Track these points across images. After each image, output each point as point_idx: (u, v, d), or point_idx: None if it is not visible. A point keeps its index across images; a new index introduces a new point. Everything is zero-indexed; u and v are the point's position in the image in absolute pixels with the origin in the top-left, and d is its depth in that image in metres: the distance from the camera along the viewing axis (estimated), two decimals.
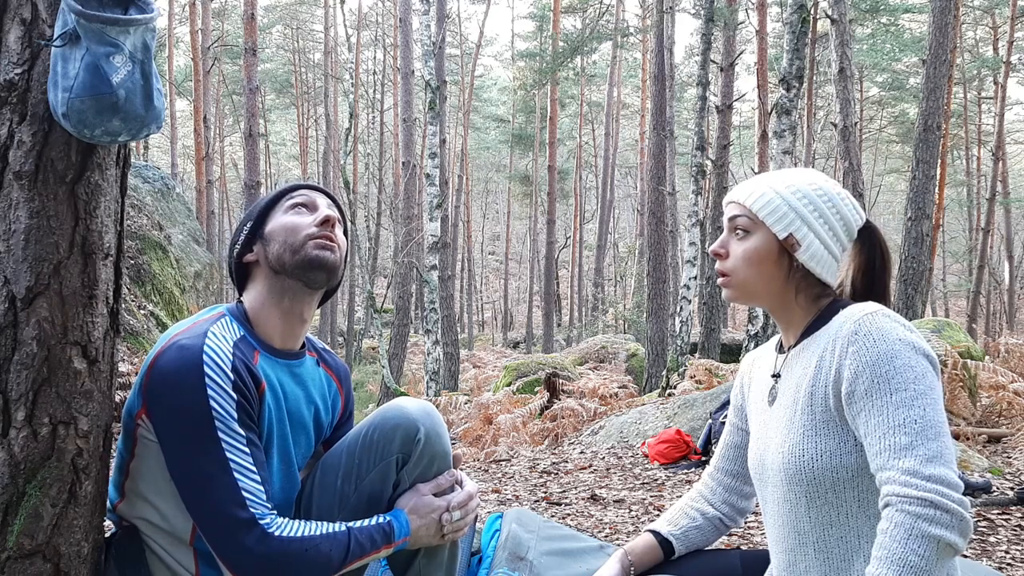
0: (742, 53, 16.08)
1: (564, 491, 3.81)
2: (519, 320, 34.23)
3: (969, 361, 5.09)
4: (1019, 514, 3.02)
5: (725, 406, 4.49)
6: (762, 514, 1.43)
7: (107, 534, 1.49)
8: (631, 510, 3.37)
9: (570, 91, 31.14)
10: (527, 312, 29.39)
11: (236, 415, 1.35)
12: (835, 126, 10.09)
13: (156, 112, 1.31)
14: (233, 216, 29.37)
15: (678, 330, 9.52)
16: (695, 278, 9.94)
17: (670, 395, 6.76)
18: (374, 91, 29.65)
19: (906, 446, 1.13)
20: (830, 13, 9.61)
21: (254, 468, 1.36)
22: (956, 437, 4.46)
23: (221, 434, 1.33)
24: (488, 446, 6.19)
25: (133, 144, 1.59)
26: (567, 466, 4.47)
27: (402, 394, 9.28)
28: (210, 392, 1.33)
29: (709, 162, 11.21)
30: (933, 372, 1.19)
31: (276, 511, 1.38)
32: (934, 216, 10.63)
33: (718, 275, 1.38)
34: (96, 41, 1.22)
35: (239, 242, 1.55)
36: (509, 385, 8.40)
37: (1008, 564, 2.50)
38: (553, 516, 3.23)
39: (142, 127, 1.30)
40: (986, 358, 5.79)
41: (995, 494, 3.33)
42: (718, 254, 1.37)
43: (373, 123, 28.90)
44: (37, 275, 1.29)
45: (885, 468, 1.15)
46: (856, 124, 10.52)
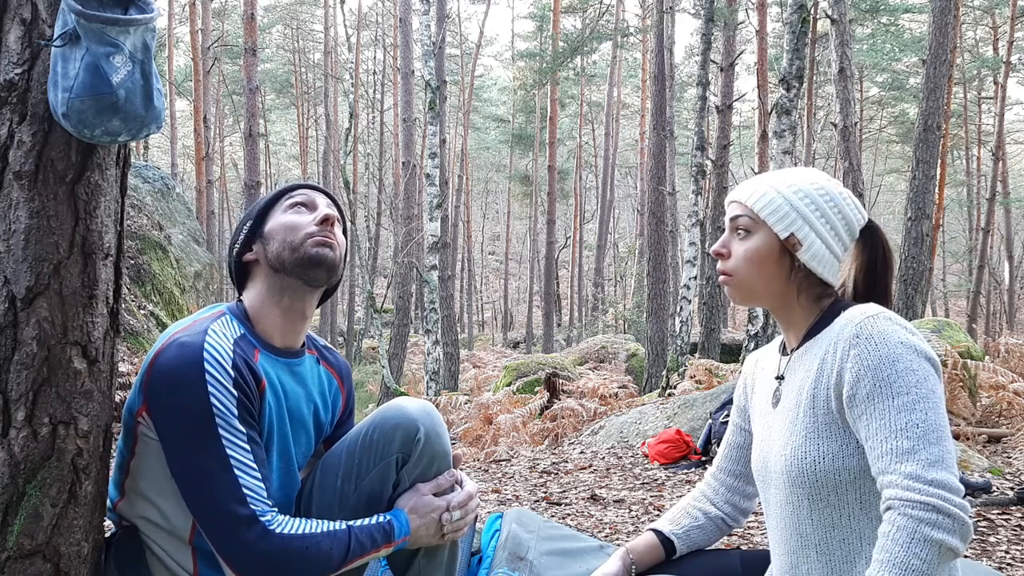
0: (742, 53, 16.08)
1: (564, 491, 3.81)
2: (519, 320, 34.22)
3: (969, 361, 5.09)
4: (1019, 514, 3.02)
5: (725, 406, 4.49)
6: (764, 515, 1.43)
7: (107, 534, 1.50)
8: (631, 510, 3.37)
9: (570, 91, 31.14)
10: (527, 312, 29.39)
11: (236, 412, 1.35)
12: (835, 126, 10.09)
13: (156, 112, 1.31)
14: (233, 216, 29.37)
15: (678, 330, 9.52)
16: (695, 278, 9.94)
17: (670, 395, 6.76)
18: (374, 91, 29.65)
19: (908, 450, 1.14)
20: (830, 13, 9.61)
21: (255, 465, 1.36)
22: (956, 437, 4.46)
23: (221, 431, 1.33)
24: (488, 446, 6.19)
25: (133, 144, 1.59)
26: (567, 466, 4.47)
27: (402, 394, 9.28)
28: (211, 389, 1.33)
29: (709, 162, 11.21)
30: (935, 375, 1.19)
31: (276, 508, 1.38)
32: (934, 216, 10.64)
33: (719, 274, 1.38)
34: (96, 41, 1.22)
35: (239, 241, 1.56)
36: (509, 385, 8.40)
37: (1008, 564, 2.50)
38: (553, 516, 3.23)
39: (142, 127, 1.30)
40: (986, 358, 5.79)
41: (995, 494, 3.33)
42: (720, 254, 1.37)
43: (373, 123, 28.90)
44: (37, 275, 1.29)
45: (887, 472, 1.15)
46: (856, 124, 10.52)
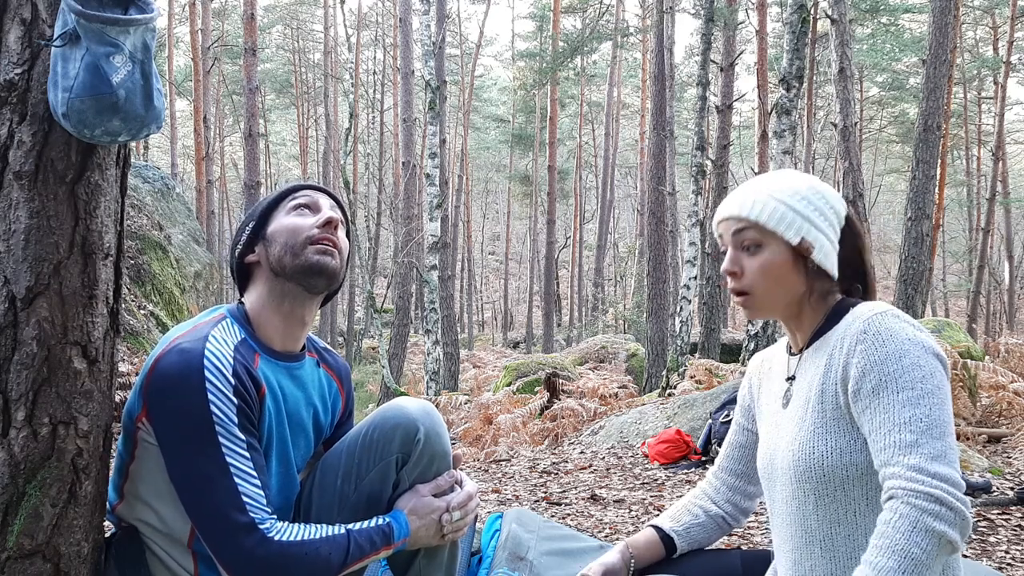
0: (742, 53, 16.08)
1: (564, 491, 3.81)
2: (519, 320, 34.22)
3: (969, 361, 5.09)
4: (1019, 514, 3.02)
5: (725, 406, 4.49)
6: (768, 514, 1.43)
7: (107, 534, 1.50)
8: (631, 510, 3.37)
9: (570, 91, 31.13)
10: (527, 312, 29.39)
11: (236, 419, 1.35)
12: (835, 126, 10.09)
13: (156, 112, 1.31)
14: (233, 216, 29.37)
15: (678, 330, 9.52)
16: (695, 278, 9.94)
17: (670, 395, 6.76)
18: (374, 91, 29.65)
19: (911, 443, 1.14)
20: (830, 13, 9.61)
21: (254, 472, 1.35)
22: (956, 437, 4.45)
23: (221, 438, 1.32)
24: (488, 446, 6.19)
25: (133, 144, 1.58)
26: (567, 466, 4.47)
27: (402, 394, 9.28)
28: (211, 396, 1.32)
29: (709, 162, 11.21)
30: (941, 372, 1.20)
31: (276, 515, 1.38)
32: (934, 216, 10.64)
33: (734, 294, 1.35)
34: (96, 41, 1.22)
35: (241, 242, 1.54)
36: (509, 385, 8.40)
37: (1008, 564, 2.50)
38: (553, 516, 3.23)
39: (142, 127, 1.30)
40: (986, 358, 5.79)
41: (995, 494, 3.33)
42: (733, 273, 1.34)
43: (373, 123, 28.90)
44: (37, 275, 1.29)
45: (890, 464, 1.15)
46: (856, 124, 10.52)
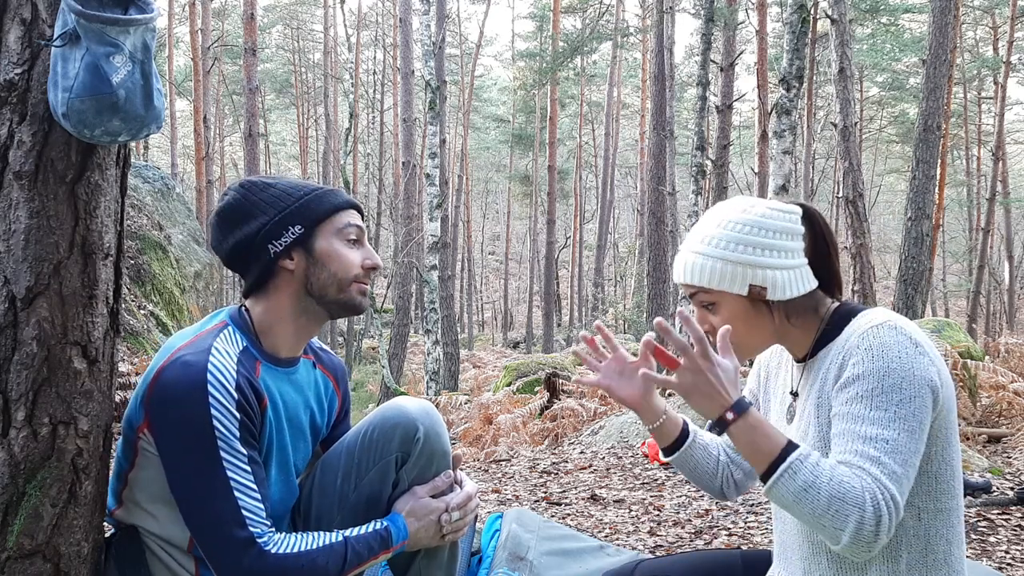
0: (742, 53, 16.08)
1: (564, 491, 3.81)
2: (519, 320, 34.21)
3: (969, 361, 5.09)
4: (1019, 514, 3.02)
5: None
6: (773, 522, 1.44)
7: (107, 534, 1.50)
8: (631, 510, 3.37)
9: (570, 91, 31.13)
10: (527, 312, 29.39)
11: (238, 434, 1.34)
12: (835, 126, 10.08)
13: (156, 112, 1.31)
14: None
15: (678, 330, 9.50)
16: None
17: (670, 395, 6.76)
18: (374, 91, 29.64)
19: (874, 458, 1.14)
20: (830, 13, 9.60)
21: (254, 486, 1.35)
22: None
23: (223, 453, 1.32)
24: (488, 446, 6.19)
25: (133, 144, 1.58)
26: (567, 466, 4.47)
27: (402, 394, 9.26)
28: (213, 412, 1.31)
29: (709, 162, 11.21)
30: (926, 398, 1.17)
31: (275, 527, 1.38)
32: (934, 216, 10.64)
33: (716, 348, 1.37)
34: (96, 41, 1.22)
35: (280, 242, 1.43)
36: (509, 385, 8.39)
37: (1008, 564, 2.50)
38: (553, 516, 3.23)
39: (142, 127, 1.30)
40: (986, 358, 5.79)
41: (995, 494, 3.33)
42: (709, 332, 1.35)
43: (373, 123, 28.89)
44: (37, 275, 1.29)
45: (851, 463, 1.15)
46: (856, 124, 10.52)
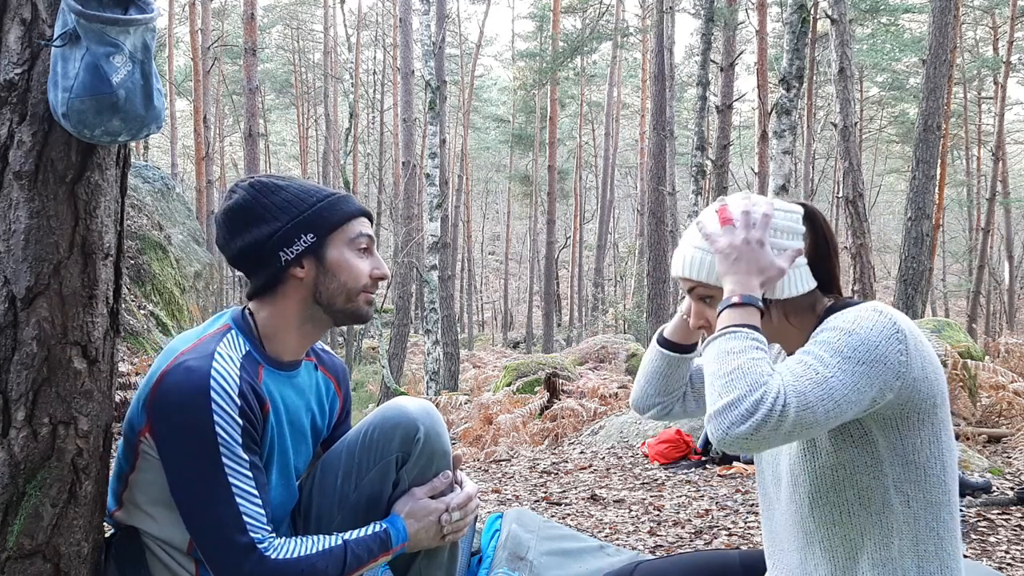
0: (742, 53, 16.07)
1: (564, 491, 3.81)
2: (519, 320, 34.21)
3: (969, 361, 5.09)
4: (1019, 514, 3.02)
5: None
6: (763, 518, 1.44)
7: (107, 534, 1.50)
8: (631, 510, 3.37)
9: (570, 91, 31.12)
10: (527, 312, 29.39)
11: (241, 440, 1.34)
12: (835, 126, 10.09)
13: (156, 112, 1.31)
14: None
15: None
16: None
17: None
18: (374, 91, 29.64)
19: (797, 375, 1.14)
20: (830, 13, 9.60)
21: (255, 491, 1.35)
22: (956, 437, 4.46)
23: (225, 459, 1.32)
24: (488, 446, 6.19)
25: (133, 144, 1.58)
26: (567, 466, 4.47)
27: (402, 394, 9.26)
28: (216, 418, 1.31)
29: (709, 162, 11.21)
30: (877, 376, 1.15)
31: (275, 532, 1.38)
32: (934, 216, 10.63)
33: None
34: (96, 41, 1.22)
35: (293, 248, 1.42)
36: (509, 385, 8.39)
37: (1008, 564, 2.50)
38: (553, 516, 3.23)
39: (142, 127, 1.30)
40: (986, 358, 5.79)
41: (995, 494, 3.33)
42: (704, 327, 1.36)
43: (373, 123, 28.89)
44: (37, 275, 1.29)
45: (779, 366, 1.16)
46: (856, 124, 10.52)
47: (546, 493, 3.78)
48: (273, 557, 1.33)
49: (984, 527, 2.88)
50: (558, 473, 4.29)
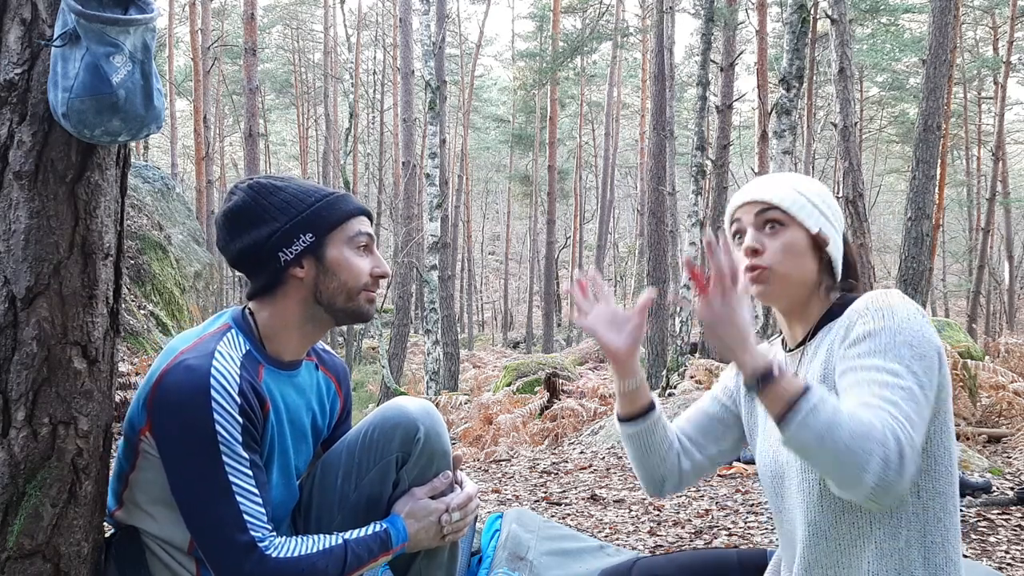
0: (742, 53, 16.08)
1: (564, 491, 3.81)
2: (519, 320, 34.20)
3: (969, 361, 5.10)
4: (1019, 514, 3.02)
5: None
6: (773, 512, 1.43)
7: (107, 534, 1.50)
8: (631, 510, 3.37)
9: (570, 91, 31.12)
10: (527, 312, 29.38)
11: (241, 439, 1.34)
12: (835, 126, 10.08)
13: (156, 112, 1.31)
14: None
15: (678, 330, 9.52)
16: None
17: (670, 395, 6.76)
18: (374, 91, 29.63)
19: (892, 402, 1.13)
20: (830, 13, 9.60)
21: (256, 490, 1.35)
22: (956, 437, 4.46)
23: (225, 458, 1.32)
24: (488, 446, 6.19)
25: (133, 144, 1.57)
26: (567, 466, 4.47)
27: (402, 394, 9.26)
28: (216, 417, 1.31)
29: (709, 162, 11.21)
30: (933, 359, 1.19)
31: (275, 531, 1.38)
32: (934, 216, 10.62)
33: (750, 272, 1.33)
34: (96, 41, 1.22)
35: (292, 249, 1.42)
36: (509, 385, 8.39)
37: (1008, 564, 2.50)
38: (553, 516, 3.23)
39: (142, 127, 1.30)
40: (986, 358, 5.80)
41: (995, 494, 3.33)
42: (755, 250, 1.33)
43: (373, 123, 28.89)
44: (37, 275, 1.29)
45: (871, 406, 1.14)
46: (856, 124, 10.52)
47: (546, 493, 3.78)
48: (274, 556, 1.33)
49: (984, 527, 2.88)
50: (558, 473, 4.29)
